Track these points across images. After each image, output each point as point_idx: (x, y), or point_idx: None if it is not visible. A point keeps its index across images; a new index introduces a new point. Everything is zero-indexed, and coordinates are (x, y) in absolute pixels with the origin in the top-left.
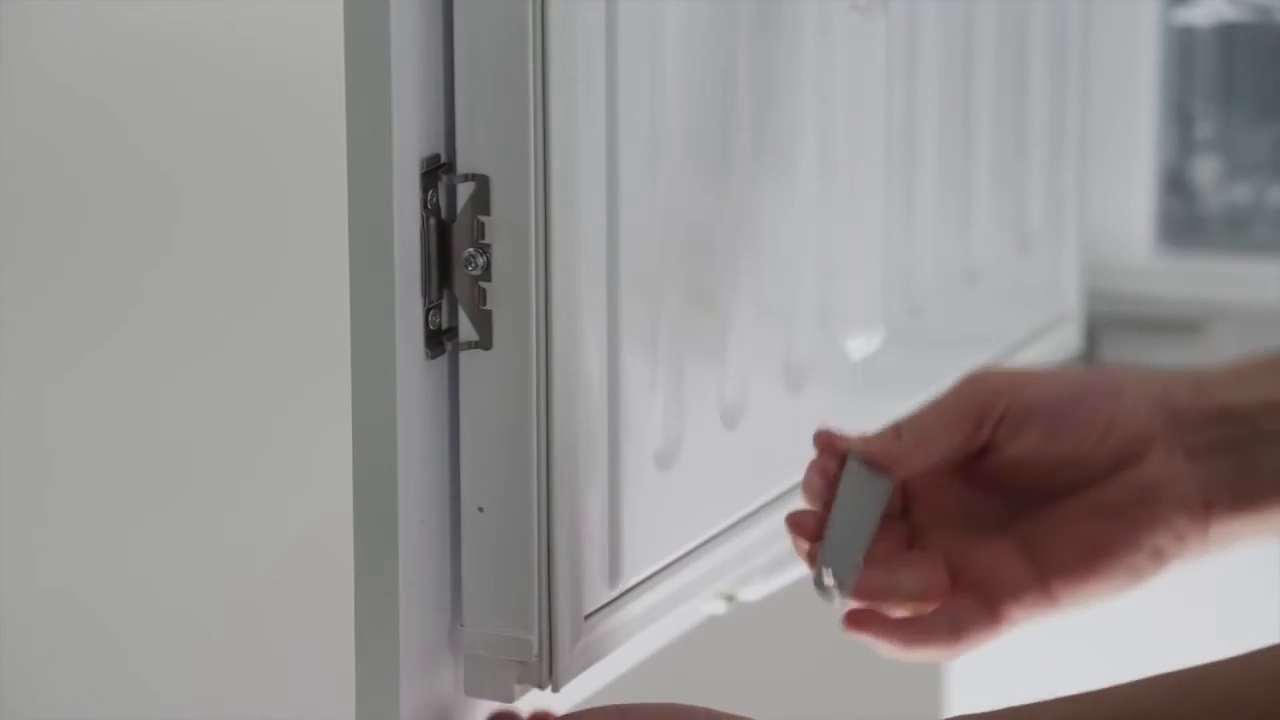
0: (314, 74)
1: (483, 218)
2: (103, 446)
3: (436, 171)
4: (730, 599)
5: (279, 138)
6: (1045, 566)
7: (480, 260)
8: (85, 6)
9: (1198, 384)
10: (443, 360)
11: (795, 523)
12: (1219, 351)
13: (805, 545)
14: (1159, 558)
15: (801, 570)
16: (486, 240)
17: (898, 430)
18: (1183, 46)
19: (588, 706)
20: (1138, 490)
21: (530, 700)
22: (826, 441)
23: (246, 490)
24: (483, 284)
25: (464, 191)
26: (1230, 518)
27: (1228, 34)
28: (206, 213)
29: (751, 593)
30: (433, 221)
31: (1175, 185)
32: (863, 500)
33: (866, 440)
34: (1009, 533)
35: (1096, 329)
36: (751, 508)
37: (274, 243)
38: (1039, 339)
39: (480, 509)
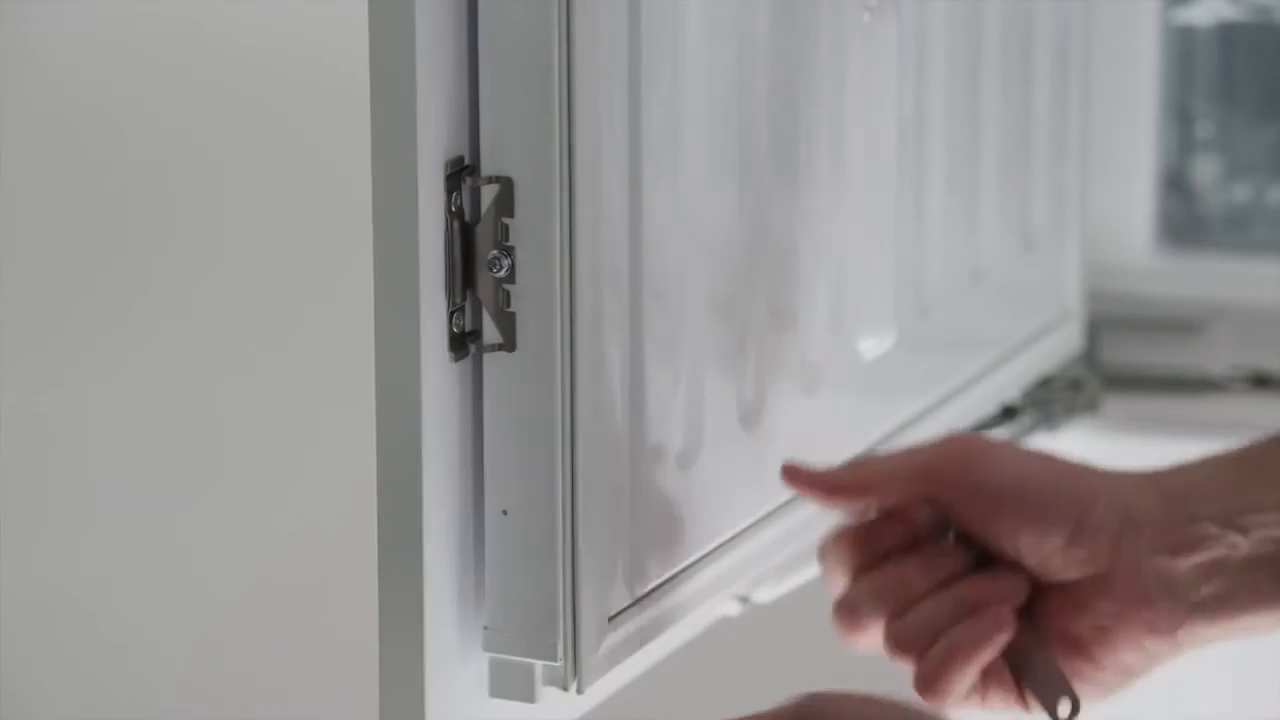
0: (336, 76)
1: (507, 220)
2: (102, 447)
3: (460, 174)
4: (744, 600)
5: (292, 141)
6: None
7: (505, 262)
8: (86, 7)
9: (1167, 497)
10: (466, 363)
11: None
12: (1219, 351)
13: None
14: (1127, 674)
15: (816, 572)
16: (510, 242)
17: (861, 461)
18: (1183, 46)
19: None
20: (1103, 619)
21: (552, 701)
22: (793, 473)
23: (246, 491)
24: (506, 286)
25: (488, 194)
26: (1201, 630)
27: (1228, 34)
28: (212, 215)
29: (765, 594)
30: (456, 224)
31: (1175, 185)
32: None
33: (829, 472)
34: None
35: (1097, 329)
36: (768, 508)
37: (273, 244)
38: (1041, 339)
39: (504, 511)
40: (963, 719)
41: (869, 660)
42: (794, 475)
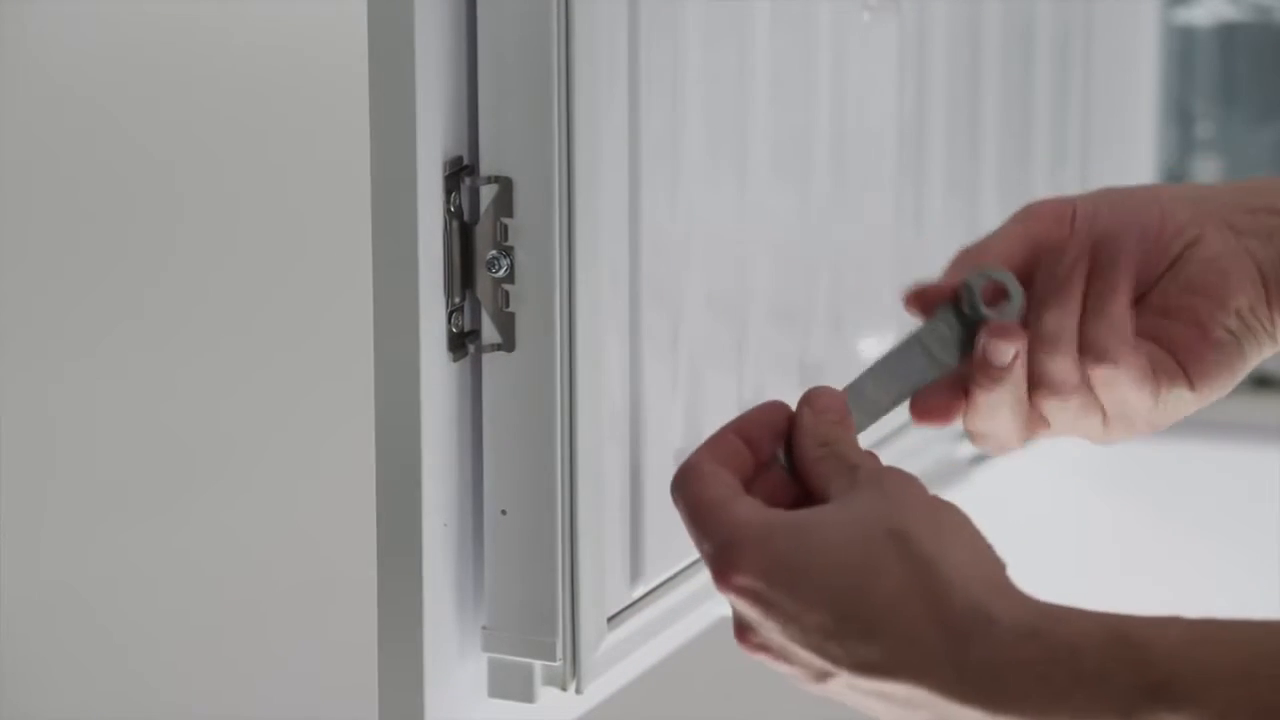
0: (336, 76)
1: (506, 220)
2: (106, 445)
3: (459, 174)
4: None
5: (293, 140)
6: (1172, 356)
7: (504, 262)
8: (88, 7)
9: (1236, 188)
10: (465, 363)
11: None
12: None
13: None
14: (1246, 326)
15: None
16: (509, 242)
17: (969, 248)
18: (1183, 46)
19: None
20: (1205, 264)
21: (552, 701)
22: (919, 297)
23: (246, 490)
24: (505, 286)
25: (487, 194)
26: None
27: (1228, 34)
28: (213, 214)
29: None
30: (455, 224)
31: None
32: (918, 362)
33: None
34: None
35: None
36: None
37: (280, 244)
38: None
39: (503, 512)
40: None
41: None
42: (921, 298)
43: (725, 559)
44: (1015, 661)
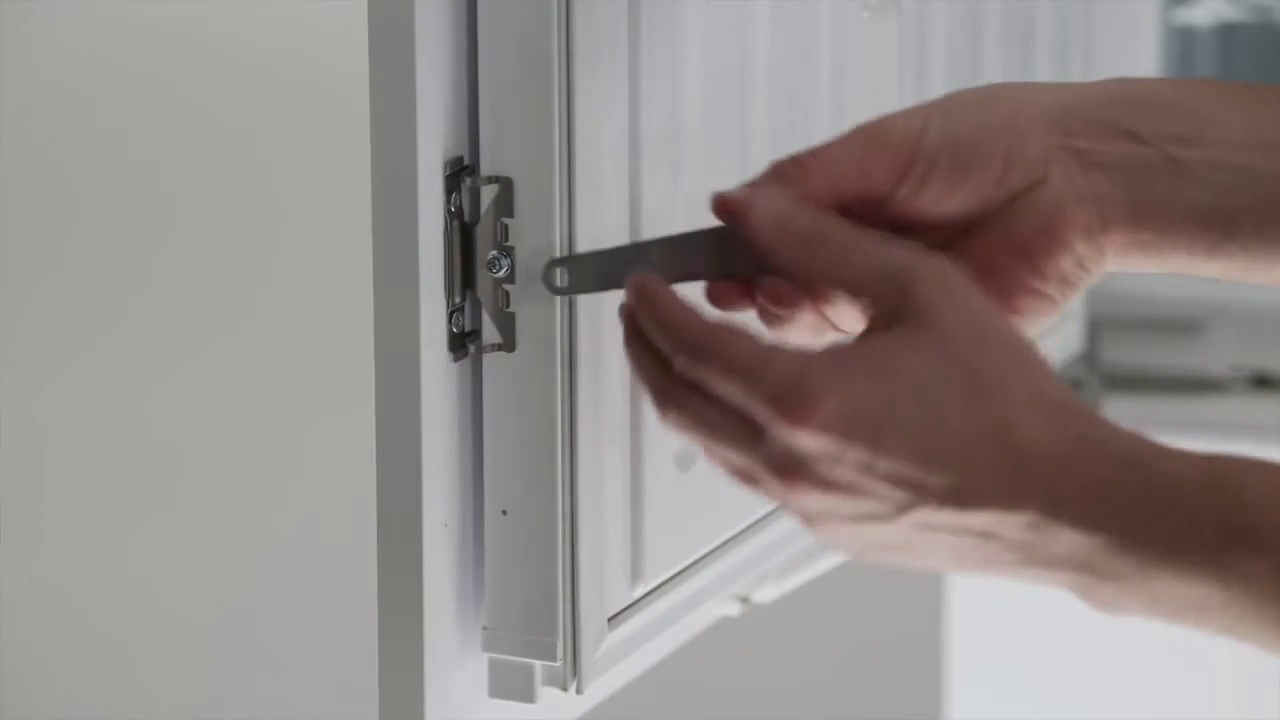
0: (336, 76)
1: (506, 220)
2: (100, 447)
3: (460, 174)
4: (745, 600)
5: (293, 140)
6: None
7: (504, 262)
8: (86, 7)
9: (1100, 103)
10: (466, 363)
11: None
12: (1219, 351)
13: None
14: (1066, 284)
15: (816, 572)
16: (509, 242)
17: (796, 159)
18: (1183, 46)
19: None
20: (1038, 219)
21: (552, 701)
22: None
23: (245, 491)
24: (506, 286)
25: (487, 194)
26: (1125, 239)
27: (1228, 34)
28: (212, 214)
29: (765, 594)
30: (455, 224)
31: None
32: (708, 256)
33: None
34: None
35: (1097, 328)
36: (768, 509)
37: (279, 244)
38: (1042, 339)
39: (504, 512)
40: None
41: (866, 663)
42: (722, 209)
43: (800, 399)
44: (1117, 485)
